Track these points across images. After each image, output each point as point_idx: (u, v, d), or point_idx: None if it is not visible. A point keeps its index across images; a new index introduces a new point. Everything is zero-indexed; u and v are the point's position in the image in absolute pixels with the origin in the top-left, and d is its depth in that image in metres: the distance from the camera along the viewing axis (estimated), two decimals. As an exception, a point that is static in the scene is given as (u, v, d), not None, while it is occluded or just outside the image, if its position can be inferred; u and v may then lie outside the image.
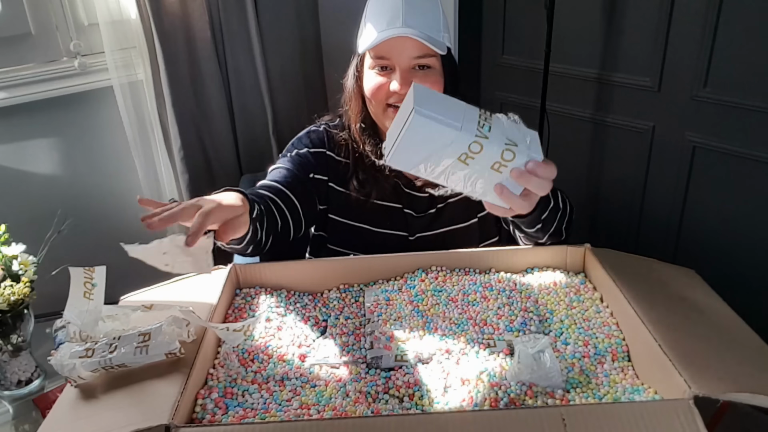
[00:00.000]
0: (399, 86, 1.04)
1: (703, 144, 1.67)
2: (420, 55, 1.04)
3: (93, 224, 1.84)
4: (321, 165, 1.17)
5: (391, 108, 1.08)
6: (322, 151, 1.17)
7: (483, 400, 0.72)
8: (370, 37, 1.04)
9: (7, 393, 1.10)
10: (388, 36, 1.01)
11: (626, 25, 1.74)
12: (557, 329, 0.86)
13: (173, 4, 1.72)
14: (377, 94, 1.07)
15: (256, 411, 0.72)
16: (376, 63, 1.06)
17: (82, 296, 0.77)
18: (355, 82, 1.12)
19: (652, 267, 0.95)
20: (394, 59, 1.04)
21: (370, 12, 1.07)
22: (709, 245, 1.74)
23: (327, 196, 1.18)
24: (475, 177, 0.74)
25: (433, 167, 0.74)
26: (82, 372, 0.70)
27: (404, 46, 1.03)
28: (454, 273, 1.00)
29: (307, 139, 1.19)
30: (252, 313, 0.93)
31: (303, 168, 1.14)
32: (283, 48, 1.96)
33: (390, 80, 1.05)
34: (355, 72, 1.12)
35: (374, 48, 1.03)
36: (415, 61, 1.04)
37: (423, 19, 1.03)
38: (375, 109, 1.11)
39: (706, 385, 0.63)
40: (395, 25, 1.02)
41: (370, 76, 1.08)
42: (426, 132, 0.69)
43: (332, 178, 1.18)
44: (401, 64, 1.04)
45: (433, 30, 1.04)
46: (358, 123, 1.14)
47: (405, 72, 1.04)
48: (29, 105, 1.67)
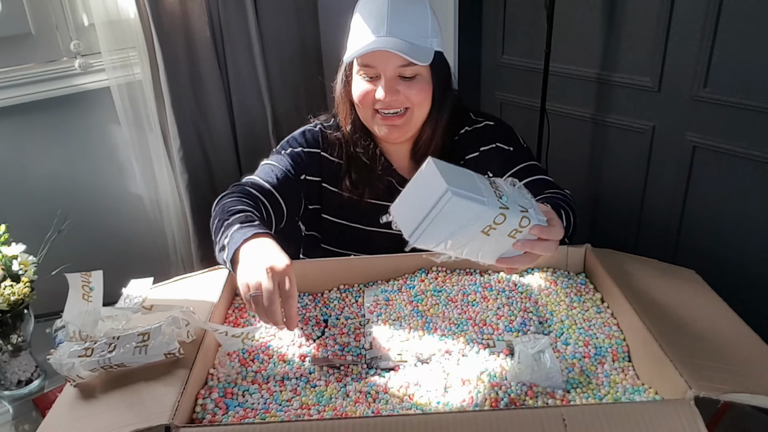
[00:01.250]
0: (384, 95, 1.04)
1: (703, 144, 1.67)
2: (405, 64, 1.03)
3: (93, 224, 1.84)
4: (314, 165, 1.17)
5: (378, 114, 1.08)
6: (316, 152, 1.17)
7: (483, 400, 0.72)
8: (354, 45, 1.04)
9: (7, 393, 1.10)
10: (371, 49, 1.00)
11: (626, 25, 1.74)
12: (558, 329, 0.86)
13: (173, 4, 1.72)
14: (364, 100, 1.08)
15: (257, 411, 0.73)
16: (363, 71, 1.06)
17: (81, 298, 0.77)
18: (344, 87, 1.12)
19: (652, 267, 0.95)
20: (379, 68, 1.04)
21: (356, 17, 1.06)
22: (709, 245, 1.74)
23: (320, 196, 1.18)
24: (488, 246, 0.74)
25: (458, 242, 0.72)
26: (80, 371, 0.70)
27: (389, 56, 1.02)
28: (454, 273, 1.00)
29: (302, 137, 1.19)
30: (252, 314, 0.93)
31: (295, 168, 1.14)
32: (282, 48, 1.96)
33: (376, 87, 1.05)
34: (343, 77, 1.12)
35: (360, 57, 1.03)
36: (400, 70, 1.04)
37: (408, 25, 1.02)
38: (363, 113, 1.11)
39: (706, 386, 0.63)
40: (379, 34, 1.01)
41: (357, 81, 1.08)
42: (459, 211, 0.67)
43: (325, 179, 1.18)
44: (386, 73, 1.04)
45: (419, 37, 1.02)
46: (348, 125, 1.15)
47: (390, 81, 1.04)
48: (29, 105, 1.67)
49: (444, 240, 0.71)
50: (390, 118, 1.07)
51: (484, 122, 1.18)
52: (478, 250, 0.75)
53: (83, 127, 1.79)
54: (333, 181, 1.18)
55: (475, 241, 0.72)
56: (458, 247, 0.73)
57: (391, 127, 1.09)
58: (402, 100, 1.06)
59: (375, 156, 1.16)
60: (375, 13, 1.02)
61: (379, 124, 1.09)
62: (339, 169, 1.17)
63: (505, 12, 2.05)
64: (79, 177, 1.82)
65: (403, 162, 1.19)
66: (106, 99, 1.76)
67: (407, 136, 1.12)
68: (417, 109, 1.08)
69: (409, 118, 1.08)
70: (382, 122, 1.09)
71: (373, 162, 1.16)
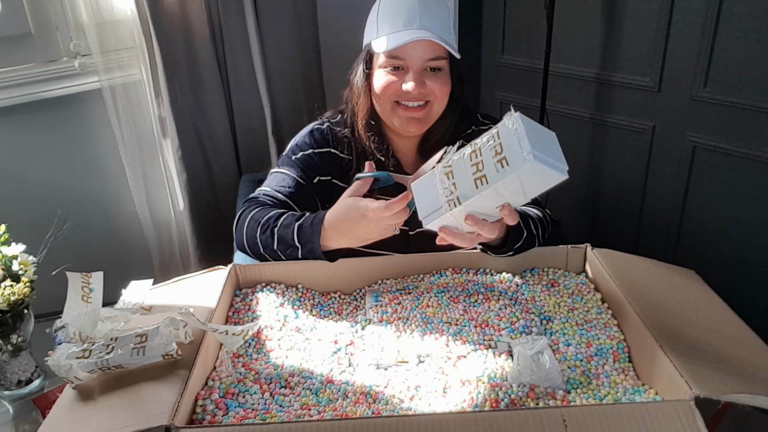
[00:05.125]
0: (413, 87, 1.05)
1: (703, 144, 1.67)
2: (433, 57, 1.05)
3: (93, 224, 1.84)
4: (326, 165, 1.17)
5: (399, 106, 1.09)
6: (327, 150, 1.17)
7: (484, 401, 0.72)
8: (386, 38, 1.04)
9: (7, 393, 1.10)
10: (409, 39, 1.02)
11: (626, 25, 1.74)
12: (558, 330, 0.86)
13: (172, 4, 1.72)
14: (387, 92, 1.08)
15: (257, 412, 0.72)
16: (389, 63, 1.07)
17: (80, 299, 0.77)
18: (365, 79, 1.13)
19: (652, 267, 0.95)
20: (409, 60, 1.05)
21: (383, 11, 1.07)
22: (709, 245, 1.74)
23: (330, 193, 1.18)
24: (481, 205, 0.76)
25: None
26: (78, 373, 0.70)
27: (419, 48, 1.04)
28: (456, 273, 1.00)
29: (311, 138, 1.18)
30: (251, 314, 0.93)
31: (308, 173, 1.14)
32: (282, 48, 1.96)
33: (401, 80, 1.07)
34: (364, 69, 1.12)
35: (393, 49, 1.04)
36: (428, 63, 1.06)
37: (437, 21, 1.04)
38: (383, 106, 1.11)
39: (706, 386, 0.63)
40: (412, 27, 1.03)
41: (380, 74, 1.09)
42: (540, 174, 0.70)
43: (336, 176, 1.18)
44: (415, 66, 1.05)
45: (446, 32, 1.05)
46: (364, 119, 1.15)
47: (418, 73, 1.06)
48: (29, 105, 1.67)
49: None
50: (412, 110, 1.09)
51: (489, 124, 1.20)
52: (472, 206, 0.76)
53: (83, 127, 1.79)
54: (343, 178, 1.18)
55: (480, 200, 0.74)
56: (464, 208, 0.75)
57: (411, 119, 1.10)
58: (427, 92, 1.07)
59: (386, 152, 1.16)
60: (404, 7, 1.04)
61: (399, 116, 1.10)
62: (349, 166, 1.18)
63: (505, 12, 2.05)
64: (79, 177, 1.82)
65: (409, 158, 1.19)
66: (106, 99, 1.76)
67: (424, 129, 1.14)
68: (437, 103, 1.10)
69: (428, 111, 1.10)
70: (403, 113, 1.10)
71: (385, 158, 1.16)
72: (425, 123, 1.12)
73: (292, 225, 0.98)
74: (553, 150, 0.70)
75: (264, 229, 1.01)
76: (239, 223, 1.07)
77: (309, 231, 0.96)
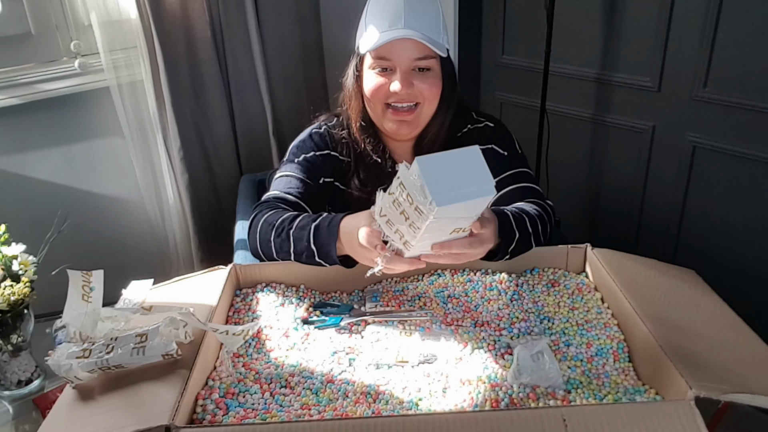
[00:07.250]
0: (399, 87, 1.05)
1: (703, 144, 1.67)
2: (421, 56, 1.04)
3: (93, 224, 1.84)
4: (328, 167, 1.17)
5: (389, 109, 1.09)
6: (327, 153, 1.17)
7: (484, 401, 0.72)
8: (372, 38, 1.04)
9: (7, 393, 1.10)
10: (391, 38, 1.01)
11: (626, 25, 1.74)
12: (559, 330, 0.86)
13: (173, 4, 1.72)
14: (377, 94, 1.08)
15: (257, 411, 0.72)
16: (377, 64, 1.06)
17: (81, 299, 0.77)
18: (355, 81, 1.12)
19: (652, 267, 0.95)
20: (395, 60, 1.05)
21: (371, 12, 1.07)
22: (709, 245, 1.74)
23: (332, 196, 1.18)
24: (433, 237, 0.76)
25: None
26: (78, 372, 0.70)
27: (405, 48, 1.03)
28: (456, 273, 1.00)
29: (311, 141, 1.18)
30: (251, 314, 0.93)
31: (313, 174, 1.14)
32: (283, 48, 1.96)
33: (390, 81, 1.06)
34: (354, 71, 1.12)
35: (376, 49, 1.04)
36: (415, 62, 1.05)
37: (424, 20, 1.03)
38: (374, 109, 1.11)
39: (706, 386, 0.63)
40: (397, 26, 1.02)
41: (369, 76, 1.08)
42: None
43: (337, 178, 1.18)
44: (402, 66, 1.05)
45: (434, 32, 1.04)
46: (358, 122, 1.14)
47: (405, 73, 1.05)
48: (29, 105, 1.67)
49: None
50: (401, 113, 1.08)
51: (485, 122, 1.19)
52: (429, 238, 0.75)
53: (83, 127, 1.79)
54: (343, 180, 1.18)
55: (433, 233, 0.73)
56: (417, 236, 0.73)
57: (401, 123, 1.09)
58: (415, 94, 1.07)
59: (382, 153, 1.16)
60: (391, 8, 1.04)
61: (389, 120, 1.10)
62: (348, 168, 1.18)
63: (505, 12, 2.05)
64: (79, 177, 1.82)
65: (405, 159, 1.19)
66: (106, 99, 1.76)
67: (415, 132, 1.13)
68: (427, 104, 1.09)
69: (418, 113, 1.09)
70: (393, 117, 1.09)
71: (382, 159, 1.16)
72: (415, 126, 1.11)
73: (308, 226, 0.95)
74: (471, 174, 0.68)
75: (279, 231, 0.99)
76: (252, 228, 1.05)
77: (326, 233, 0.93)
